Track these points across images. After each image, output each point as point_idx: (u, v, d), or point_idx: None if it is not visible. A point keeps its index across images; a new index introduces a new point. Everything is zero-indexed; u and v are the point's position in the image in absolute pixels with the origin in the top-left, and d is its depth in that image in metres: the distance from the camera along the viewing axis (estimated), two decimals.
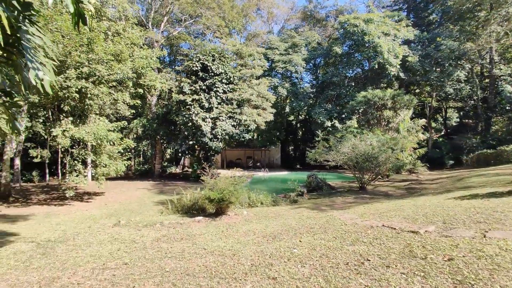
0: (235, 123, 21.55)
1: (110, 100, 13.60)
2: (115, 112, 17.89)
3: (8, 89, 3.25)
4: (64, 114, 11.24)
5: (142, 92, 14.97)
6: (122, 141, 15.19)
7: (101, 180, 13.67)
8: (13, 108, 3.52)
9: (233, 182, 8.89)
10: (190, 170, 23.66)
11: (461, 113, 36.16)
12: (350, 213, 7.79)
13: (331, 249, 4.62)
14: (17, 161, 19.20)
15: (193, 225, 7.84)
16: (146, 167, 29.52)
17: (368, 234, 5.23)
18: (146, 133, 23.02)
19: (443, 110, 37.35)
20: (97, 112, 12.94)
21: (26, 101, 9.61)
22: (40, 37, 2.42)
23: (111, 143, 14.23)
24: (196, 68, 21.39)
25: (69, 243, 6.52)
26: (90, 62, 11.04)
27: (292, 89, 28.86)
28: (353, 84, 29.18)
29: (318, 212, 8.74)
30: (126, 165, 15.23)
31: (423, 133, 21.97)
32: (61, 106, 10.89)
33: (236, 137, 21.72)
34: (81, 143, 14.13)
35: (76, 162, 12.79)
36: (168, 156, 35.71)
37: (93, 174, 13.94)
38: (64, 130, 10.95)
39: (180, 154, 22.77)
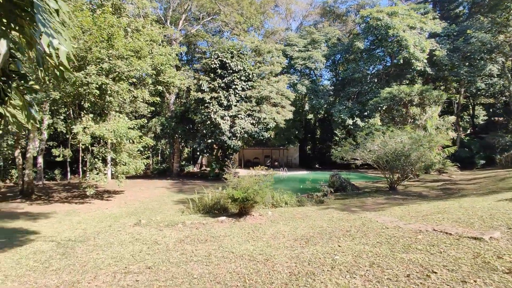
0: (254, 121, 21.08)
1: (129, 97, 13.43)
2: (134, 110, 17.83)
3: (22, 72, 2.88)
4: (84, 111, 11.13)
5: (162, 89, 14.75)
6: (141, 139, 15.05)
7: (120, 178, 13.52)
8: (28, 95, 3.14)
9: (257, 181, 8.40)
10: (209, 169, 23.40)
11: (491, 110, 34.16)
12: (387, 215, 7.12)
13: (381, 257, 4.02)
14: (40, 160, 19.55)
15: (217, 226, 7.41)
16: (164, 166, 29.57)
17: (419, 240, 4.58)
18: (164, 131, 22.95)
19: (470, 107, 35.45)
20: (117, 110, 12.78)
21: (47, 97, 9.52)
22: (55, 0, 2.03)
23: (131, 141, 14.07)
24: (214, 66, 21.07)
25: (90, 243, 6.22)
26: (110, 58, 10.86)
27: (312, 86, 28.07)
28: (375, 81, 28.06)
29: (349, 213, 8.10)
30: (145, 163, 15.06)
31: (452, 131, 20.73)
32: (82, 103, 10.77)
33: (255, 136, 21.24)
34: (101, 141, 14.05)
35: (96, 160, 12.69)
36: (185, 155, 35.77)
37: (112, 172, 13.83)
38: (84, 127, 10.82)
39: (198, 153, 22.56)
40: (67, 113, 11.50)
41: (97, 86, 10.38)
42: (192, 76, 22.20)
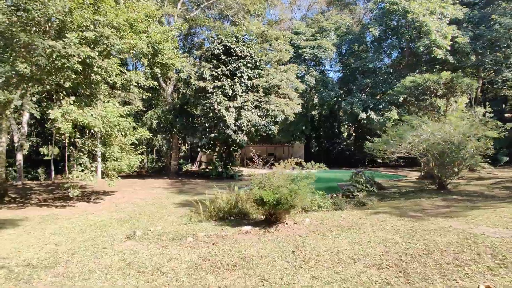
0: (261, 114, 19.08)
1: (121, 80, 11.32)
2: (127, 99, 15.72)
3: None
4: (64, 93, 9.04)
5: (159, 72, 12.65)
6: (135, 130, 12.96)
7: (111, 176, 11.42)
8: None
9: (291, 178, 6.40)
10: (210, 167, 21.33)
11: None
12: (482, 224, 5.18)
13: None
14: (19, 156, 17.32)
15: (241, 240, 5.40)
16: (160, 164, 27.43)
17: None
18: (161, 126, 20.81)
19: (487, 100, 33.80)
20: (106, 93, 10.69)
21: (13, 71, 7.41)
22: None
23: (123, 132, 11.97)
24: (217, 51, 19.01)
25: (58, 271, 4.16)
26: (97, 26, 8.76)
27: (321, 78, 26.15)
28: (391, 71, 26.20)
29: (415, 221, 6.15)
30: (140, 159, 12.97)
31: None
32: (61, 82, 8.68)
33: (262, 129, 19.24)
34: (87, 132, 11.95)
35: (81, 154, 10.57)
36: (182, 154, 33.59)
37: (102, 170, 11.71)
38: (64, 113, 8.70)
39: (199, 149, 20.47)
40: (43, 94, 9.35)
41: (80, 60, 8.27)
42: (192, 64, 20.08)
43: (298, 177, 6.22)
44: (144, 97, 12.66)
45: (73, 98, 8.96)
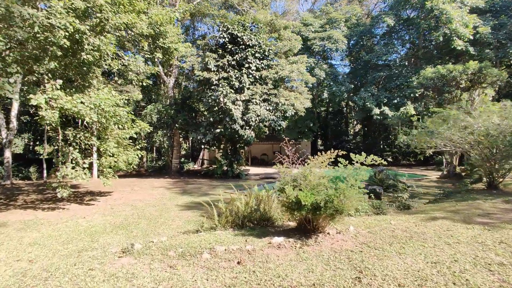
0: (270, 108, 17.71)
1: (118, 65, 9.97)
2: (125, 90, 14.37)
3: None
4: (49, 75, 7.67)
5: (161, 58, 11.28)
6: (134, 123, 11.62)
7: (107, 174, 10.08)
8: None
9: (334, 176, 5.06)
10: (214, 166, 19.98)
11: None
12: None
13: None
14: (8, 153, 15.95)
15: (274, 257, 4.06)
16: (160, 162, 26.06)
17: None
18: (162, 121, 19.43)
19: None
20: (100, 79, 9.34)
21: None
22: None
23: (120, 125, 10.64)
24: (223, 40, 17.66)
25: None
26: None
27: (332, 71, 24.78)
28: (406, 64, 24.83)
29: (492, 229, 4.83)
30: (139, 156, 11.63)
31: None
32: (45, 62, 7.32)
33: (271, 125, 17.89)
34: (80, 124, 10.63)
35: (71, 149, 9.21)
36: (183, 152, 32.20)
37: (99, 167, 10.37)
38: (49, 98, 7.34)
39: (203, 146, 19.09)
40: (25, 78, 7.95)
41: (67, 34, 6.91)
42: (196, 54, 18.71)
43: (346, 173, 4.86)
44: (144, 84, 11.29)
45: (59, 81, 7.59)
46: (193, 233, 5.91)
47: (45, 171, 17.77)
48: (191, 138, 20.97)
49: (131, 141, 11.55)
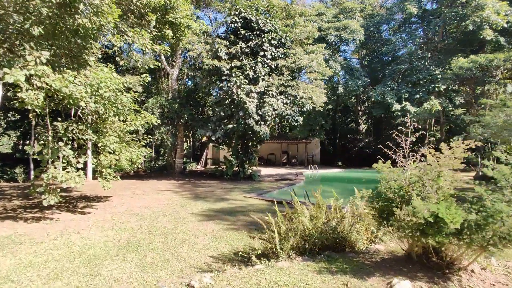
0: (287, 101, 15.95)
1: (120, 41, 8.12)
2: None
3: None
4: (31, 45, 5.83)
5: (171, 36, 9.44)
6: (138, 115, 9.79)
7: (107, 175, 8.24)
8: None
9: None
10: (223, 166, 18.16)
11: None
12: None
13: None
14: None
15: None
16: (161, 162, 24.13)
17: None
18: (165, 116, 17.55)
19: None
20: (99, 55, 7.50)
21: None
22: None
23: (122, 116, 8.81)
24: (235, 25, 15.86)
25: None
26: None
27: (347, 64, 23.12)
28: (429, 55, 23.23)
29: None
30: (145, 153, 9.80)
31: None
32: (25, 26, 5.47)
33: (288, 120, 16.11)
34: (72, 115, 8.82)
35: (61, 144, 7.33)
36: (184, 151, 30.28)
37: (94, 167, 8.49)
38: (31, 75, 5.49)
39: (212, 144, 17.20)
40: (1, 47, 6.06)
41: None
42: (204, 42, 16.88)
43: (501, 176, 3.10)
44: (152, 66, 9.47)
45: (45, 53, 5.73)
46: (239, 262, 4.13)
47: (32, 172, 15.78)
48: (197, 135, 19.10)
49: (135, 136, 9.71)
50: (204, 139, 27.97)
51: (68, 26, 6.25)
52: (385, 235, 4.45)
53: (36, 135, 18.21)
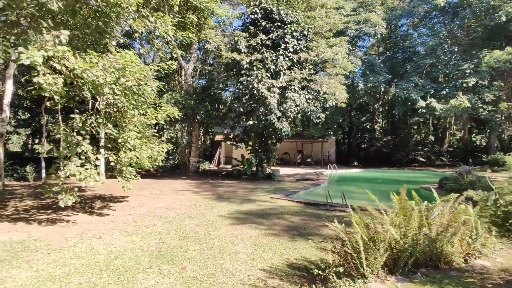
0: (310, 96, 15.12)
1: (142, 27, 7.40)
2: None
3: None
4: (49, 22, 5.14)
5: (195, 23, 8.71)
6: (159, 108, 9.11)
7: (126, 174, 7.53)
8: None
9: None
10: (239, 165, 17.39)
11: None
12: None
13: None
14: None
15: None
16: (173, 161, 23.46)
17: None
18: (180, 111, 16.82)
19: None
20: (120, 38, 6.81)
21: None
22: None
23: (141, 109, 8.14)
24: (255, 16, 15.10)
25: None
26: None
27: (368, 59, 22.16)
28: (456, 49, 22.13)
29: None
30: (166, 150, 9.09)
31: None
32: (47, 1, 4.80)
33: (310, 117, 15.25)
34: (89, 104, 8.19)
35: (79, 139, 6.64)
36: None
37: (115, 164, 7.77)
38: (49, 57, 4.79)
39: (229, 142, 16.39)
40: (14, 29, 5.40)
41: None
42: (222, 35, 16.13)
43: None
44: (175, 55, 8.76)
45: (66, 32, 5.02)
46: (300, 277, 3.32)
47: (43, 171, 15.26)
48: (210, 132, 18.35)
49: (155, 130, 9.02)
50: (217, 137, 27.33)
51: (90, 4, 5.55)
52: (484, 247, 3.62)
53: (47, 132, 17.74)
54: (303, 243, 5.35)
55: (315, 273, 3.39)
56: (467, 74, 18.66)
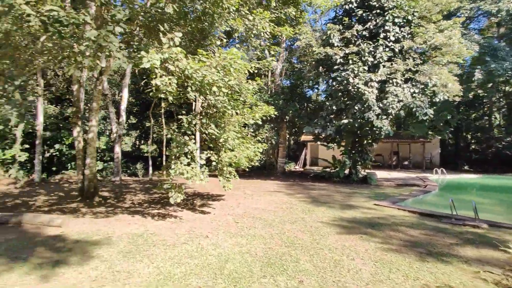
0: (416, 89, 13.22)
1: (242, 25, 7.34)
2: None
3: None
4: (166, 26, 5.43)
5: (294, 14, 8.33)
6: (255, 107, 9.01)
7: (227, 174, 7.58)
8: None
9: None
10: (331, 167, 16.42)
11: None
12: None
13: None
14: (117, 149, 15.49)
15: None
16: (259, 162, 23.79)
17: None
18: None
19: None
20: (223, 39, 6.87)
21: None
22: None
23: (238, 109, 8.13)
24: (350, 6, 14.00)
25: None
26: None
27: (489, 43, 18.46)
28: None
29: None
30: (261, 150, 8.93)
31: None
32: (163, 5, 5.05)
33: (416, 113, 13.32)
34: (193, 108, 8.52)
35: (186, 139, 6.92)
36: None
37: (216, 164, 7.95)
38: (165, 59, 4.98)
39: (323, 140, 15.61)
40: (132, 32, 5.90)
41: None
42: (312, 30, 15.48)
43: None
44: (273, 52, 8.58)
45: (179, 34, 5.15)
46: None
47: (150, 168, 17.10)
48: (298, 133, 17.86)
49: (252, 130, 8.96)
50: (303, 137, 26.75)
51: (197, 7, 5.66)
52: None
53: (152, 134, 19.92)
54: (440, 266, 4.34)
55: None
56: None
